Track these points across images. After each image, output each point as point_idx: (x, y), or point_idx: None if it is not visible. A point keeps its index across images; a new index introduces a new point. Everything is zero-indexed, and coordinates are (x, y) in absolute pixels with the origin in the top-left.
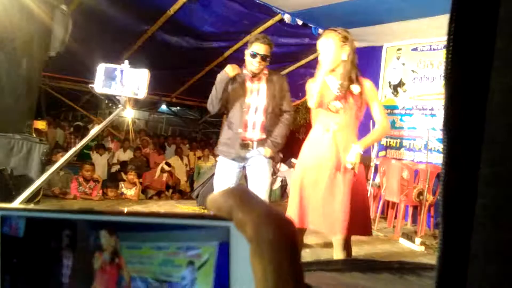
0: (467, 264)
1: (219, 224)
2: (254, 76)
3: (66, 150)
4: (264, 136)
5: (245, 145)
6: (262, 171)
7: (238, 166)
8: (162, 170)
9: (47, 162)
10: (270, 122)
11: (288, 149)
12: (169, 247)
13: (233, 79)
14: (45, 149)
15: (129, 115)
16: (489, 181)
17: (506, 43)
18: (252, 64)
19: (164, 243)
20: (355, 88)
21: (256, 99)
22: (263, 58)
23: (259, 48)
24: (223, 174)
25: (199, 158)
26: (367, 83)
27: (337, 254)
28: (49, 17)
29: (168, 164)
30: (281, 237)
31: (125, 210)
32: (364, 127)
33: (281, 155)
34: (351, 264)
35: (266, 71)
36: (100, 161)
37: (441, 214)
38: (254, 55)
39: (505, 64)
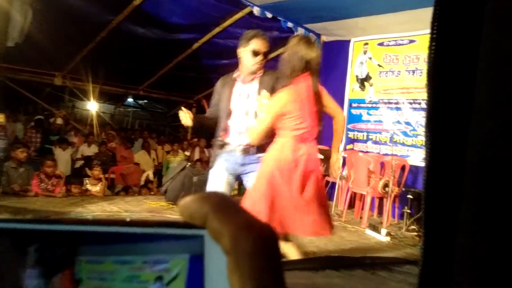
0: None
1: (191, 233)
2: (248, 75)
3: (26, 145)
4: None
5: (234, 150)
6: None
7: (228, 173)
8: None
9: (5, 158)
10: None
11: None
12: (135, 261)
13: (222, 87)
14: (3, 144)
15: (93, 108)
16: (474, 182)
17: (491, 43)
18: (252, 64)
19: (128, 256)
20: None
21: (246, 102)
22: (265, 55)
23: (260, 44)
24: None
25: (167, 152)
26: None
27: (295, 255)
28: (7, 5)
29: (136, 164)
30: (262, 249)
31: (83, 218)
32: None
33: None
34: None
35: (261, 70)
36: (63, 156)
37: (423, 218)
38: (256, 53)
39: (490, 65)
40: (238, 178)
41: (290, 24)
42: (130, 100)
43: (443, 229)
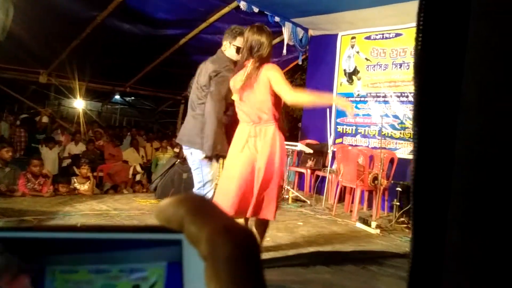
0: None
1: (169, 237)
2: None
3: (12, 144)
4: None
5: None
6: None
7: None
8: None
9: None
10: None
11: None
12: (111, 270)
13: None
14: None
15: (80, 105)
16: (463, 177)
17: (480, 39)
18: (236, 58)
19: (104, 265)
20: None
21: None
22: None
23: (242, 42)
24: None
25: (156, 149)
26: None
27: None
28: None
29: (125, 161)
30: (241, 255)
31: (55, 225)
32: (323, 115)
33: None
34: (315, 257)
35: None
36: (50, 155)
37: (412, 212)
38: (239, 50)
39: (480, 61)
40: None
41: (277, 19)
42: (117, 97)
43: (432, 224)
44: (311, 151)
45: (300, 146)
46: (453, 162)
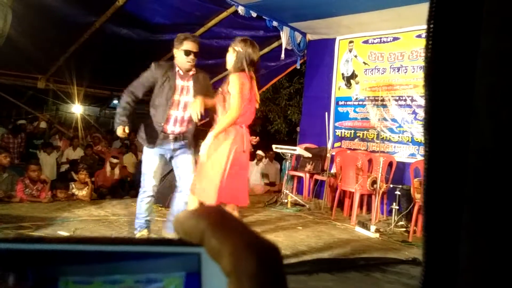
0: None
1: (187, 250)
2: (185, 73)
3: (8, 150)
4: (190, 128)
5: (168, 137)
6: (188, 161)
7: (161, 156)
8: (112, 166)
9: None
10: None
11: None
12: (126, 281)
13: (163, 76)
14: None
15: (78, 111)
16: (476, 186)
17: (491, 42)
18: (186, 62)
19: (119, 275)
20: None
21: (185, 97)
22: (196, 55)
23: (192, 46)
24: (147, 162)
25: None
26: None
27: None
28: None
29: (115, 157)
30: (265, 270)
31: (69, 236)
32: (321, 119)
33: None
34: (317, 265)
35: (194, 69)
36: (48, 160)
37: (424, 223)
38: (188, 53)
39: (490, 64)
40: (168, 161)
41: (275, 23)
42: (115, 102)
43: (445, 235)
44: (309, 155)
45: (298, 150)
46: (465, 171)
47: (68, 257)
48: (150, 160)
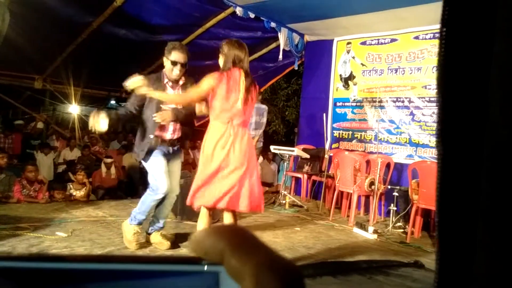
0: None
1: (205, 269)
2: (174, 82)
3: (5, 151)
4: (179, 136)
5: (163, 143)
6: (178, 167)
7: (164, 154)
8: (107, 166)
9: None
10: (185, 124)
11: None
12: None
13: (154, 84)
14: None
15: (75, 111)
16: (492, 195)
17: (505, 46)
18: (172, 72)
19: None
20: None
21: (175, 106)
22: (183, 65)
23: (179, 56)
24: (154, 164)
25: None
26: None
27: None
28: None
29: (108, 157)
30: None
31: (89, 255)
32: (319, 120)
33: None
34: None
35: (183, 78)
36: (45, 161)
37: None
38: (175, 63)
39: (505, 68)
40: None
41: (273, 24)
42: (112, 102)
43: (459, 245)
44: (307, 156)
45: (296, 151)
46: (480, 179)
47: (89, 276)
48: (157, 163)
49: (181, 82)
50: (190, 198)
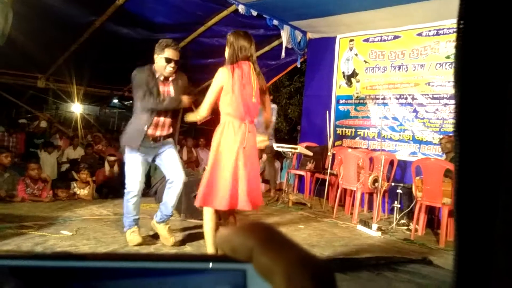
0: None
1: (233, 267)
2: (165, 79)
3: (9, 150)
4: (170, 132)
5: (150, 140)
6: (173, 154)
7: (144, 158)
8: (110, 164)
9: None
10: (175, 118)
11: None
12: None
13: (148, 79)
14: None
15: (77, 110)
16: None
17: None
18: (165, 69)
19: None
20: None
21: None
22: (176, 62)
23: (172, 54)
24: (130, 164)
25: None
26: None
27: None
28: None
29: (112, 155)
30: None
31: (112, 252)
32: (322, 117)
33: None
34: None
35: (174, 75)
36: (49, 160)
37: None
38: (169, 60)
39: None
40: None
41: (275, 22)
42: (115, 101)
43: (478, 243)
44: (310, 153)
45: (299, 148)
46: (499, 174)
47: (115, 274)
48: (133, 162)
49: (171, 79)
50: (201, 200)
